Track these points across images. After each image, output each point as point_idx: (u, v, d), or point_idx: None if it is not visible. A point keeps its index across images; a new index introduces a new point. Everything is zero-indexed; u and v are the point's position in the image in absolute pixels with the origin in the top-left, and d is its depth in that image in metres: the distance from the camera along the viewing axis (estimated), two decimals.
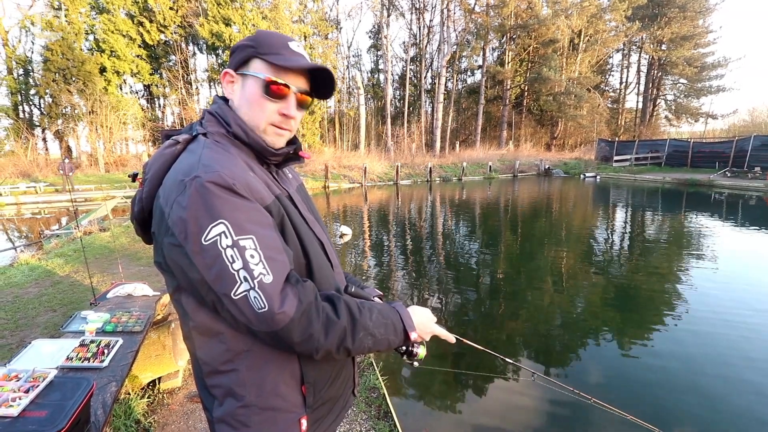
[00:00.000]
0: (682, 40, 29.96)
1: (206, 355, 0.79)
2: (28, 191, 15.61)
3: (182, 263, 0.72)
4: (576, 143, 35.05)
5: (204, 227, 0.68)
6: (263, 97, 0.82)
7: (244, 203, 0.72)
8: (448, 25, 29.54)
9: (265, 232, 0.73)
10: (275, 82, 0.81)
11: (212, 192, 0.69)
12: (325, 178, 19.32)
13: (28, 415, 1.21)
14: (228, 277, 0.69)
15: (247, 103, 0.83)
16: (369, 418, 2.47)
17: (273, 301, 0.69)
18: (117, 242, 7.02)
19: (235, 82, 0.85)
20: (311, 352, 0.75)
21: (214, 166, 0.72)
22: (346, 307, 0.79)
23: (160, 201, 0.74)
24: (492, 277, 5.92)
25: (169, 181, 0.75)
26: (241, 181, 0.73)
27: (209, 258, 0.69)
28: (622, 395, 3.02)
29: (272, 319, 0.70)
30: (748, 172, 18.61)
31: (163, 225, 0.72)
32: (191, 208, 0.68)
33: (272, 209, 0.78)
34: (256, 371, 0.79)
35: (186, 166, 0.74)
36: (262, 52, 0.81)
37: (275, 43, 0.82)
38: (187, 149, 0.80)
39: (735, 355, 3.51)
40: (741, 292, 5.03)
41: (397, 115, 33.58)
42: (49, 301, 4.11)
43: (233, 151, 0.80)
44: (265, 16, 23.20)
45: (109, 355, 1.83)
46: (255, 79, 0.82)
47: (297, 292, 0.73)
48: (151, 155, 0.86)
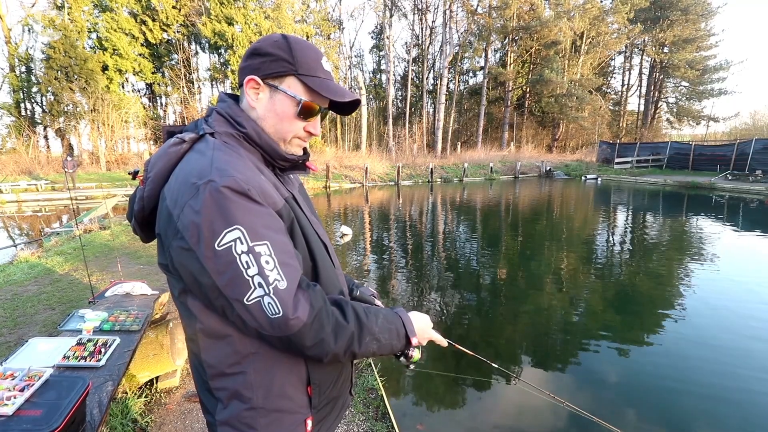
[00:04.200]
0: (684, 43, 29.93)
1: (212, 357, 0.78)
2: (29, 189, 15.63)
3: (192, 267, 0.70)
4: (577, 145, 35.03)
5: (218, 232, 0.67)
6: (296, 116, 0.83)
7: (258, 208, 0.71)
8: (451, 26, 29.55)
9: (279, 237, 0.73)
10: (311, 105, 0.83)
11: (228, 197, 0.68)
12: (327, 178, 19.33)
13: (22, 414, 1.20)
14: (242, 282, 0.68)
15: (275, 117, 0.83)
16: (367, 419, 2.46)
17: (287, 306, 0.69)
18: (117, 241, 7.02)
19: (261, 91, 0.82)
20: (321, 357, 0.76)
21: (229, 170, 0.70)
22: (354, 312, 0.80)
23: (166, 202, 0.73)
24: (491, 279, 5.90)
25: (177, 182, 0.73)
26: (255, 186, 0.72)
27: (222, 263, 0.68)
28: (613, 406, 3.01)
29: (286, 324, 0.69)
30: (749, 175, 18.55)
31: (171, 227, 0.71)
32: (205, 213, 0.67)
33: (283, 213, 0.78)
34: (264, 373, 0.78)
35: (197, 169, 0.72)
36: (301, 72, 0.81)
37: (311, 61, 0.82)
38: (194, 149, 0.78)
39: (736, 361, 3.49)
40: (742, 294, 5.01)
41: (399, 116, 33.58)
42: (48, 299, 4.11)
43: (243, 153, 0.79)
44: (267, 15, 23.22)
45: (106, 354, 1.83)
46: (290, 98, 0.82)
47: (309, 296, 0.73)
48: (153, 153, 0.85)
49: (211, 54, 26.79)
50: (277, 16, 23.23)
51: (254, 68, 0.81)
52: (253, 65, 0.82)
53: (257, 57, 0.82)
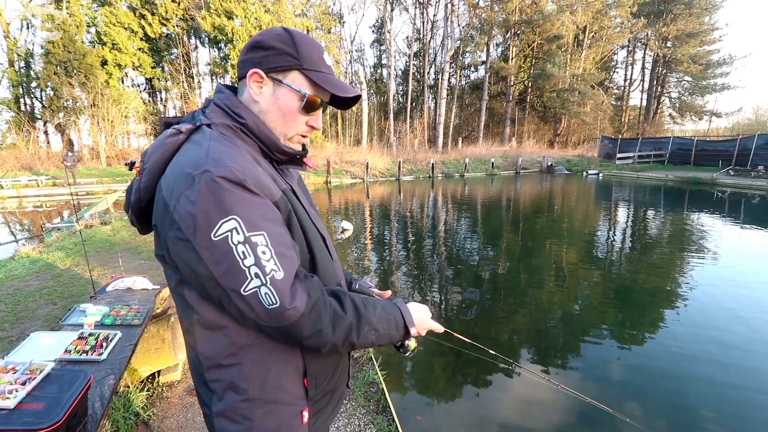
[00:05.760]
0: (687, 37, 29.72)
1: (208, 349, 0.78)
2: (29, 184, 15.64)
3: (189, 258, 0.70)
4: (579, 140, 34.89)
5: (214, 223, 0.67)
6: (300, 110, 0.83)
7: (255, 199, 0.71)
8: (452, 20, 29.31)
9: (276, 228, 0.73)
10: (315, 99, 0.83)
11: (223, 187, 0.68)
12: (327, 174, 19.30)
13: (24, 407, 1.20)
14: (238, 273, 0.68)
15: (279, 112, 0.83)
16: (368, 412, 2.47)
17: (284, 296, 0.69)
18: (118, 236, 7.03)
19: (264, 85, 0.82)
20: (319, 347, 0.76)
21: (225, 161, 0.70)
22: (352, 302, 0.80)
23: (163, 193, 0.72)
24: (492, 273, 5.91)
25: (173, 173, 0.73)
26: (251, 177, 0.71)
27: (218, 253, 0.68)
28: (614, 393, 3.02)
29: (283, 314, 0.69)
30: (751, 171, 18.50)
31: (168, 218, 0.71)
32: (201, 203, 0.67)
33: (280, 204, 0.78)
34: (260, 365, 0.78)
35: (193, 159, 0.71)
36: (305, 67, 0.81)
37: (314, 56, 0.83)
38: (190, 140, 0.78)
39: (737, 353, 3.50)
40: (742, 290, 5.00)
41: (400, 111, 33.43)
42: (50, 294, 4.12)
43: (240, 144, 0.79)
44: (267, 9, 23.05)
45: (107, 348, 1.83)
46: (294, 92, 0.82)
47: (306, 287, 0.73)
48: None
49: (211, 48, 26.62)
50: (277, 9, 23.06)
51: (256, 61, 0.81)
52: (255, 58, 0.81)
53: (260, 50, 0.81)
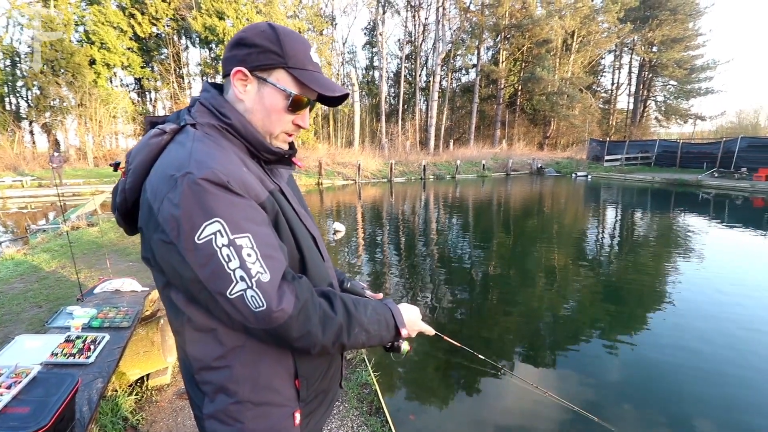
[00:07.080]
0: (672, 43, 30.39)
1: (198, 351, 0.77)
2: (14, 185, 15.30)
3: (174, 261, 0.69)
4: (568, 143, 35.41)
5: (197, 225, 0.66)
6: (286, 110, 0.82)
7: (239, 200, 0.70)
8: (444, 23, 29.51)
9: (261, 229, 0.71)
10: (301, 98, 0.81)
11: (206, 189, 0.66)
12: (319, 175, 19.25)
13: (9, 411, 1.18)
14: (223, 276, 0.67)
15: (264, 111, 0.81)
16: (361, 414, 2.47)
17: (271, 299, 0.68)
18: (105, 237, 6.91)
19: (249, 83, 0.80)
20: (309, 348, 0.75)
21: (208, 162, 0.69)
22: (342, 303, 0.79)
23: (147, 195, 0.71)
24: (483, 274, 5.95)
25: (157, 175, 0.72)
26: (235, 178, 0.70)
27: (203, 257, 0.67)
28: (601, 399, 3.06)
29: (270, 317, 0.68)
30: (734, 173, 18.93)
31: (152, 221, 0.70)
32: (184, 206, 0.66)
33: (266, 205, 0.76)
34: (250, 367, 0.77)
35: (176, 160, 0.70)
36: (290, 65, 0.79)
37: (300, 54, 0.80)
38: (175, 140, 0.76)
39: (724, 351, 3.58)
40: (726, 287, 5.12)
41: (392, 113, 33.51)
42: (35, 297, 4.03)
43: (225, 144, 0.77)
44: (259, 10, 22.94)
45: (95, 351, 1.80)
46: (279, 91, 0.80)
47: (294, 289, 0.72)
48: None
49: (201, 48, 26.38)
50: (269, 10, 22.98)
51: (240, 59, 0.78)
52: (239, 56, 0.79)
53: (243, 47, 0.78)
